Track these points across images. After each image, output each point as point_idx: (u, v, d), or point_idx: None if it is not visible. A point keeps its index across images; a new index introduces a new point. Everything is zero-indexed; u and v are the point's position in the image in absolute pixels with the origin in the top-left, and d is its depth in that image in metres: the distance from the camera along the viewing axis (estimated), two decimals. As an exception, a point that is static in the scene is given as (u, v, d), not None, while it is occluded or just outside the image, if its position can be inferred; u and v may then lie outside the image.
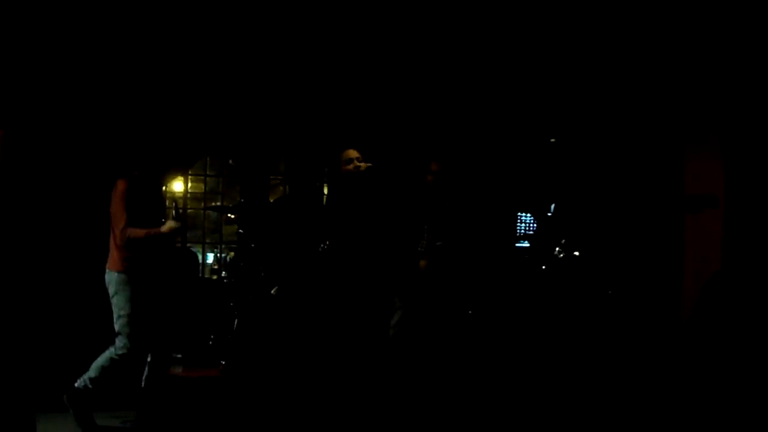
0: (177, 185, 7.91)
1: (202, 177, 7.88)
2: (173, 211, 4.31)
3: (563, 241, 5.95)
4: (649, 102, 6.38)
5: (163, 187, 6.78)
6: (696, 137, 6.27)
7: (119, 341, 4.17)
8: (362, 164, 5.02)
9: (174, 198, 4.43)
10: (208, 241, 8.31)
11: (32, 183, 5.50)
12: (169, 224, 4.22)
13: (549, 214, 6.57)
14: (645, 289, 6.30)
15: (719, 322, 5.30)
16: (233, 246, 6.45)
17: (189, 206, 7.73)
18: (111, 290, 4.22)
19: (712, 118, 6.13)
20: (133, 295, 4.18)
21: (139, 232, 4.16)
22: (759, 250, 5.69)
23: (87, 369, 4.25)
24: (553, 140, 6.40)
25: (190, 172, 7.62)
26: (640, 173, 6.48)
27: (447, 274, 5.55)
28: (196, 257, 7.02)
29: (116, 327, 4.18)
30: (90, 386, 4.18)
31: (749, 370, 4.80)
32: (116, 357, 4.16)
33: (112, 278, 4.22)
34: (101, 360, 4.20)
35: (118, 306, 4.18)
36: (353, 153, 5.08)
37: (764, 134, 5.78)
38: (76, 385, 4.21)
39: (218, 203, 7.69)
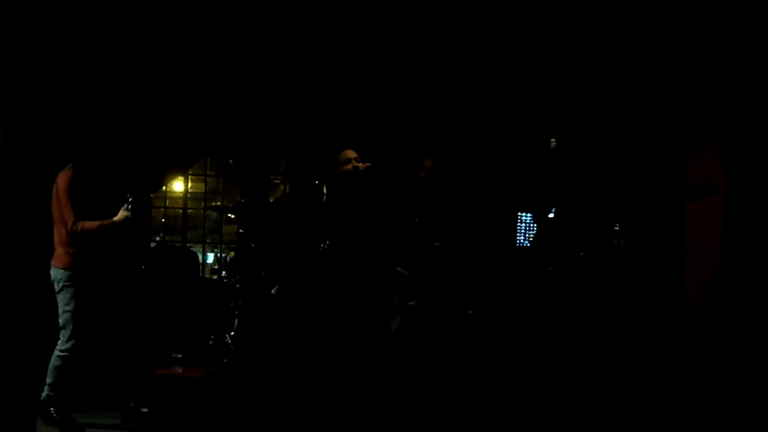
0: (177, 185, 7.92)
1: (202, 177, 7.87)
2: (128, 202, 4.23)
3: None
4: (649, 101, 6.37)
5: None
6: (696, 136, 6.27)
7: (62, 336, 4.16)
8: (361, 164, 5.01)
9: (128, 188, 4.37)
10: (208, 241, 8.31)
11: (32, 183, 5.50)
12: (122, 213, 4.18)
13: (550, 216, 6.56)
14: (645, 289, 6.29)
15: (719, 321, 5.30)
16: (233, 246, 6.45)
17: (189, 206, 7.73)
18: (56, 287, 4.21)
19: (712, 116, 6.13)
20: (77, 291, 4.16)
21: (91, 225, 4.13)
22: (759, 249, 5.69)
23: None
24: (553, 141, 6.40)
25: (190, 172, 7.62)
26: (640, 172, 6.47)
27: (447, 275, 5.53)
28: (196, 257, 7.02)
29: (60, 322, 4.17)
30: (52, 393, 4.16)
31: (749, 370, 4.80)
32: (62, 353, 4.14)
33: (57, 275, 4.20)
34: (51, 362, 4.18)
35: (63, 302, 4.17)
36: (351, 153, 5.07)
37: (764, 133, 5.77)
38: (41, 398, 4.18)
39: (218, 203, 7.69)
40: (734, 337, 5.10)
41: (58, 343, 4.18)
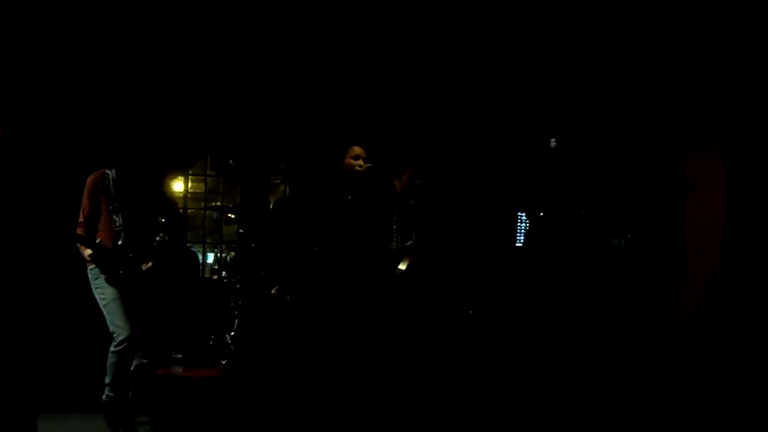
0: (177, 185, 7.92)
1: (203, 177, 7.88)
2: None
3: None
4: (649, 101, 6.37)
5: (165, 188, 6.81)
6: (696, 137, 6.27)
7: (112, 334, 4.13)
8: (362, 165, 4.99)
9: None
10: (208, 241, 8.31)
11: (32, 183, 5.50)
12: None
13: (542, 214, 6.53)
14: (645, 289, 6.30)
15: (720, 322, 5.30)
16: (233, 246, 6.45)
17: (189, 206, 7.74)
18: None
19: (713, 117, 6.13)
20: (105, 287, 4.11)
21: (80, 239, 4.10)
22: (760, 249, 5.69)
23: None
24: (553, 141, 6.39)
25: (190, 172, 7.62)
26: (640, 173, 6.48)
27: (440, 275, 5.49)
28: (196, 257, 7.02)
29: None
30: (111, 393, 4.12)
31: (751, 371, 4.80)
32: (114, 350, 4.09)
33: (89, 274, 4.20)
34: (108, 359, 4.14)
35: (98, 300, 4.14)
36: (361, 151, 5.04)
37: (765, 133, 5.77)
38: (102, 399, 4.16)
39: (218, 203, 7.70)
40: (735, 338, 5.10)
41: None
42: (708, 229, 6.06)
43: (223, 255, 7.83)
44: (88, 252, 4.08)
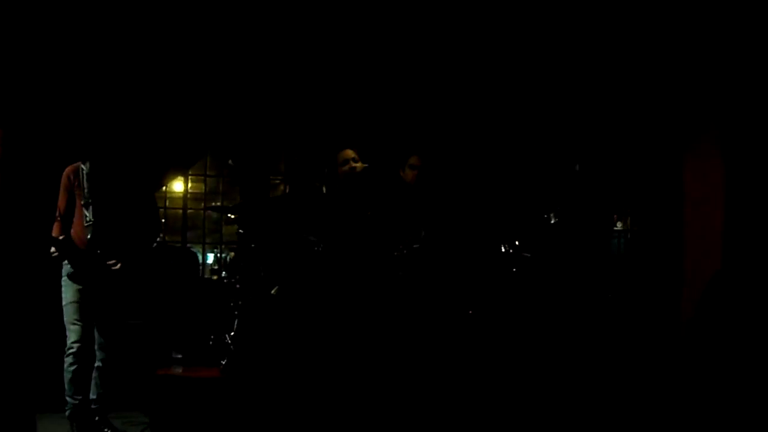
0: (177, 185, 7.92)
1: (202, 177, 7.87)
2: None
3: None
4: (649, 102, 6.37)
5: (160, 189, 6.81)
6: (696, 137, 6.27)
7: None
8: (358, 165, 4.95)
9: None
10: (208, 241, 8.31)
11: (33, 183, 5.50)
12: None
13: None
14: (645, 288, 6.30)
15: (720, 322, 5.30)
16: (233, 246, 6.45)
17: (189, 206, 7.74)
18: None
19: (712, 118, 6.13)
20: (67, 288, 4.08)
21: (54, 233, 4.05)
22: (760, 249, 5.69)
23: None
24: (577, 167, 6.35)
25: (190, 172, 7.62)
26: (639, 173, 6.48)
27: (442, 274, 5.49)
28: (196, 257, 7.02)
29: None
30: (72, 401, 4.08)
31: (751, 371, 4.80)
32: (66, 353, 4.05)
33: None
34: (64, 366, 4.09)
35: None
36: (349, 153, 5.01)
37: (765, 134, 5.77)
38: (66, 414, 4.12)
39: (218, 203, 7.69)
40: (735, 338, 5.10)
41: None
42: (708, 229, 6.07)
43: (223, 255, 7.83)
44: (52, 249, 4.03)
